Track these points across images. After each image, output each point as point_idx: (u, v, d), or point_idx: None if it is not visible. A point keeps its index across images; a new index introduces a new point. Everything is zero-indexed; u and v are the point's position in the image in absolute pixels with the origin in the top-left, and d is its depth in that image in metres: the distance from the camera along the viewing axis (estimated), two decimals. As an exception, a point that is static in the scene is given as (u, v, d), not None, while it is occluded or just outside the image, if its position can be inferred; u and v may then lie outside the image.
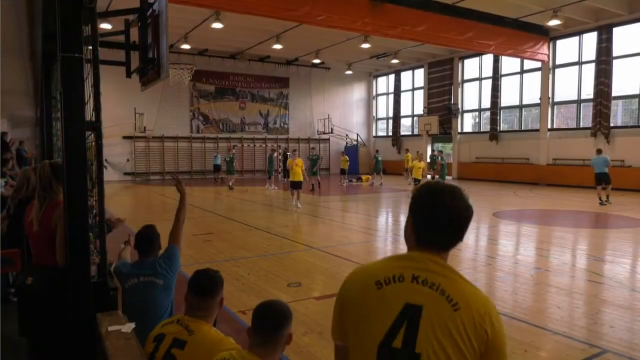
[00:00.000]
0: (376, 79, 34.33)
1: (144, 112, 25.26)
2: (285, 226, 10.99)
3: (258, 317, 2.10)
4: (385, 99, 33.79)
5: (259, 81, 30.05)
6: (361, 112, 34.32)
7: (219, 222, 11.72)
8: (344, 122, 32.93)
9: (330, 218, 12.20)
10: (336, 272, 6.73)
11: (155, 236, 3.42)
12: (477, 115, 27.34)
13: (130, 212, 13.96)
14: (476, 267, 7.12)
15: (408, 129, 32.48)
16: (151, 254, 3.36)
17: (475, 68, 26.82)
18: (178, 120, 27.48)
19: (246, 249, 8.37)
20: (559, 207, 14.46)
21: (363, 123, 34.39)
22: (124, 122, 25.06)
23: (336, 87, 32.83)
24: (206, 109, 28.62)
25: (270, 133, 30.73)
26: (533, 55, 21.61)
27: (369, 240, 9.35)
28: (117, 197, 17.68)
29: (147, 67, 4.14)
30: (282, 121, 31.25)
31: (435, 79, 28.64)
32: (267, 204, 15.58)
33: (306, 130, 32.02)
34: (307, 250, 8.28)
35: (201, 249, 8.32)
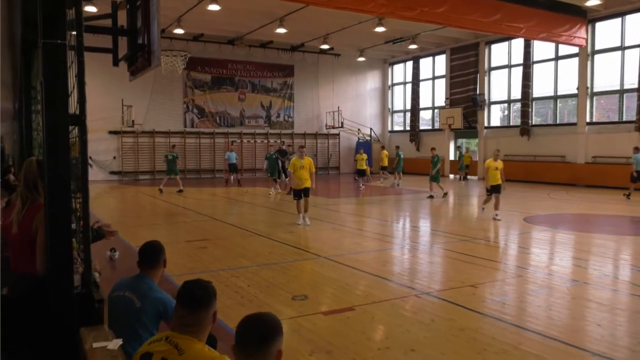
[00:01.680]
0: (392, 66, 34.26)
1: (132, 104, 25.42)
2: (289, 232, 11.00)
3: (241, 331, 2.08)
4: (402, 89, 33.72)
5: (260, 69, 30.13)
6: (375, 104, 34.28)
7: (215, 226, 11.74)
8: (355, 115, 32.91)
9: (341, 223, 12.19)
10: (347, 283, 6.73)
11: (156, 252, 3.44)
12: (506, 108, 27.18)
13: (117, 215, 14.04)
14: (505, 279, 7.08)
15: (427, 122, 32.39)
16: (150, 270, 3.37)
17: (503, 54, 26.68)
18: (170, 113, 27.63)
19: (245, 257, 8.38)
20: (598, 211, 14.35)
21: (377, 116, 34.35)
22: (110, 116, 25.24)
23: (347, 76, 32.83)
24: (201, 100, 28.74)
25: (272, 127, 30.80)
26: (569, 39, 21.46)
27: (384, 248, 9.33)
28: (103, 199, 17.81)
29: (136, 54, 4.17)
30: (286, 114, 31.31)
31: (458, 67, 28.54)
32: (268, 206, 15.61)
33: (313, 124, 32.05)
34: (314, 259, 8.28)
35: (195, 257, 8.35)
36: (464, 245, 9.42)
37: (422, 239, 10.51)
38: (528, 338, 4.89)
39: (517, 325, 5.22)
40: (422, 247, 9.43)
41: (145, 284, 3.30)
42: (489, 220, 12.75)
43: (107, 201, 17.33)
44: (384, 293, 6.36)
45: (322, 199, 17.98)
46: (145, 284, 3.30)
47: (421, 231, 11.59)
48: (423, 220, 13.43)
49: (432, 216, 14.25)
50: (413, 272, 7.52)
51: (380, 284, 6.81)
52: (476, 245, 9.43)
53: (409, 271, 7.60)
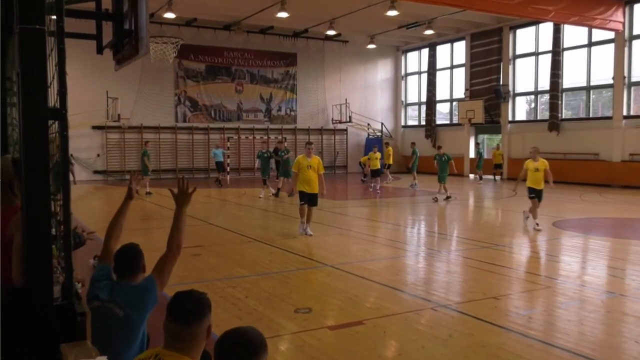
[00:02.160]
0: (405, 54, 34.23)
1: (118, 96, 25.53)
2: (292, 237, 11.00)
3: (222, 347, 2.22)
4: (416, 80, 33.69)
5: (259, 58, 30.18)
6: (387, 96, 34.27)
7: (210, 232, 11.77)
8: (365, 108, 32.91)
9: (348, 228, 12.19)
10: (355, 295, 6.73)
11: (134, 256, 3.44)
12: (533, 100, 27.10)
13: (102, 219, 14.07)
14: (532, 291, 7.06)
15: (445, 116, 32.33)
16: (128, 277, 3.38)
17: (530, 40, 26.60)
18: (160, 107, 27.72)
19: (243, 265, 8.40)
20: (636, 214, 14.27)
21: (389, 110, 34.33)
22: (94, 109, 25.35)
23: (355, 65, 32.84)
24: (194, 92, 28.83)
25: (273, 122, 30.86)
26: (604, 23, 21.35)
27: (397, 256, 9.32)
28: (85, 201, 17.88)
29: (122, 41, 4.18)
30: (289, 107, 31.35)
31: (479, 55, 28.48)
32: (268, 209, 15.62)
33: (318, 118, 32.07)
34: (319, 267, 8.29)
35: (188, 265, 8.37)
36: (486, 252, 9.39)
37: (438, 245, 10.49)
38: (557, 356, 4.87)
39: (544, 341, 5.20)
40: (438, 254, 9.41)
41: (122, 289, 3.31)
42: (515, 225, 12.71)
43: (90, 203, 17.40)
44: (396, 305, 6.35)
45: (328, 202, 17.96)
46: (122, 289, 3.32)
47: (438, 237, 11.56)
48: (440, 224, 13.40)
49: (450, 220, 14.20)
50: (429, 283, 7.51)
51: (393, 295, 6.80)
52: (499, 253, 9.40)
53: (424, 281, 7.59)
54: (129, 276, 3.38)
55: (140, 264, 3.46)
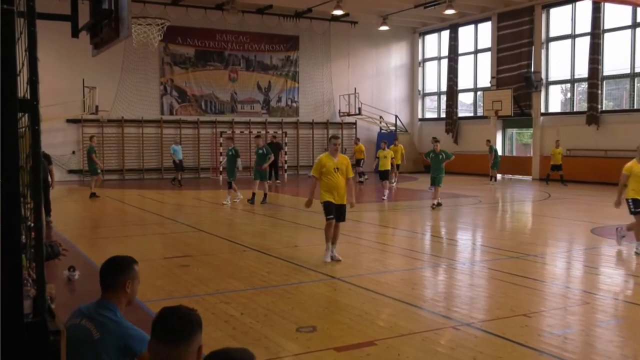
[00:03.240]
0: (423, 37, 34.22)
1: (96, 85, 25.63)
2: (292, 246, 11.00)
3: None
4: (435, 67, 33.67)
5: (256, 41, 30.25)
6: (401, 85, 34.28)
7: (199, 239, 11.78)
8: (377, 98, 32.93)
9: (358, 235, 12.18)
10: (366, 311, 6.72)
11: (121, 268, 3.45)
12: (569, 89, 27.03)
13: (78, 225, 14.15)
14: (567, 307, 7.04)
15: (468, 108, 32.29)
16: (112, 295, 3.39)
17: (565, 21, 26.55)
18: (144, 97, 27.82)
19: (238, 277, 8.41)
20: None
21: (404, 100, 34.34)
22: (68, 100, 25.46)
23: (366, 49, 32.86)
24: (182, 80, 28.92)
25: (272, 114, 30.91)
26: (650, 1, 21.27)
27: (413, 267, 9.31)
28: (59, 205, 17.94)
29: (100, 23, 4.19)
30: (290, 98, 31.41)
31: (507, 37, 28.43)
32: (267, 214, 15.64)
33: (323, 110, 32.11)
34: (324, 280, 8.29)
35: (175, 278, 8.38)
36: (515, 263, 9.37)
37: (461, 255, 10.47)
38: (597, 382, 4.84)
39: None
40: (461, 265, 9.40)
41: (105, 311, 3.32)
42: (548, 231, 12.67)
43: (65, 207, 17.45)
44: (413, 324, 6.35)
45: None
46: (106, 311, 3.32)
47: (460, 245, 11.54)
48: (463, 231, 13.38)
49: (474, 227, 14.17)
50: (450, 298, 7.50)
51: (409, 312, 6.79)
52: (530, 264, 9.38)
53: (445, 296, 7.58)
54: (113, 292, 3.40)
55: (120, 279, 3.44)
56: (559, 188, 22.25)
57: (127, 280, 3.45)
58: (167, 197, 20.07)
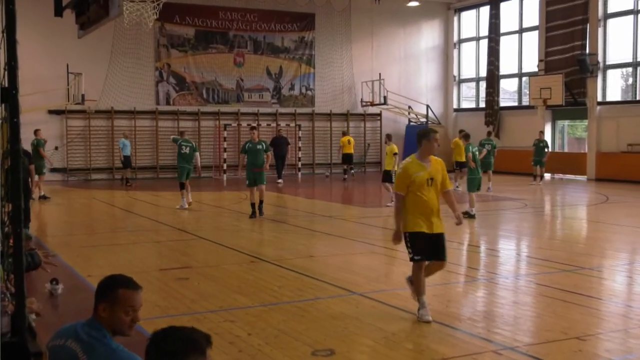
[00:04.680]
0: (459, 14, 34.05)
1: (82, 71, 25.80)
2: (307, 256, 10.99)
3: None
4: (473, 48, 33.48)
5: (265, 20, 30.32)
6: (434, 70, 34.14)
7: (201, 248, 11.81)
8: (405, 86, 32.85)
9: (383, 244, 12.15)
10: (392, 332, 6.71)
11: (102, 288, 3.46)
12: (631, 74, 26.74)
13: (61, 231, 14.25)
14: (628, 329, 6.97)
15: (512, 96, 32.08)
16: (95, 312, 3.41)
17: (626, -6, 26.28)
18: (136, 85, 27.99)
19: (245, 292, 8.42)
20: None
21: (437, 88, 34.20)
22: (51, 88, 25.66)
23: (392, 29, 32.78)
24: (181, 65, 29.05)
25: (284, 104, 30.94)
26: None
27: (447, 282, 9.26)
28: (41, 208, 18.10)
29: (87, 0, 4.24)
30: (304, 85, 31.43)
31: (558, 14, 28.21)
32: (277, 220, 15.65)
33: (343, 99, 32.08)
34: (344, 296, 8.28)
35: (172, 293, 8.42)
36: (567, 278, 9.29)
37: (503, 268, 10.41)
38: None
39: (646, 397, 5.13)
40: (503, 279, 9.34)
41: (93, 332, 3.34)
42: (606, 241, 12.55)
43: (46, 211, 17.61)
44: (447, 347, 6.32)
45: (357, 209, 17.92)
46: (94, 332, 3.34)
47: (502, 257, 11.47)
48: (505, 240, 13.30)
49: (519, 235, 14.07)
50: (490, 317, 7.46)
51: (442, 333, 6.77)
52: (585, 279, 9.30)
53: (485, 315, 7.54)
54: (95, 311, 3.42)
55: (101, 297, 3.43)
56: (617, 190, 22.02)
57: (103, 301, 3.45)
58: (163, 200, 20.17)
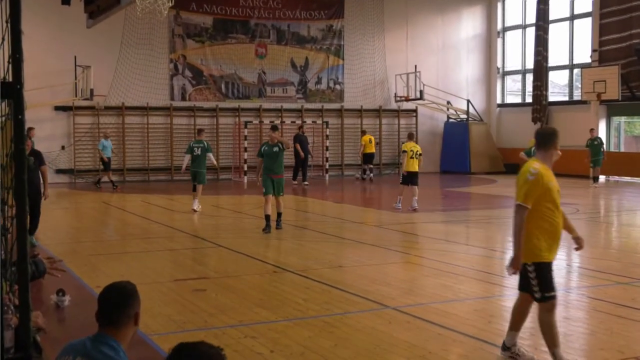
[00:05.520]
0: (503, 0, 33.79)
1: (90, 64, 26.06)
2: (336, 266, 10.98)
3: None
4: (519, 38, 33.25)
5: (290, 7, 30.41)
6: (475, 62, 33.96)
7: (219, 257, 11.87)
8: (443, 79, 32.72)
9: (419, 253, 12.10)
10: (429, 351, 6.68)
11: (124, 302, 3.48)
12: (695, 65, 26.37)
13: (68, 238, 14.39)
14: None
15: (562, 90, 31.79)
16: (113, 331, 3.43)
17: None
18: (149, 79, 28.20)
19: (267, 306, 8.43)
20: None
21: (478, 81, 34.02)
22: (57, 83, 25.97)
23: (430, 16, 32.71)
24: (198, 57, 29.21)
25: (310, 100, 30.99)
26: None
27: (490, 295, 9.20)
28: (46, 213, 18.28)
29: (98, -13, 4.28)
30: (332, 78, 31.42)
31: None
32: (303, 226, 15.65)
33: (374, 94, 32.04)
34: (376, 310, 8.26)
35: (188, 306, 8.46)
36: (624, 291, 9.19)
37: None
38: None
39: None
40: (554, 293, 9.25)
41: (105, 348, 3.36)
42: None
43: (52, 216, 17.79)
44: (490, 368, 6.27)
45: (387, 214, 17.86)
46: (106, 348, 3.36)
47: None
48: (555, 249, 13.18)
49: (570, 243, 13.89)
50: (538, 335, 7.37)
51: (484, 352, 6.73)
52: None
53: (532, 332, 7.47)
54: (113, 328, 3.42)
55: (132, 311, 3.48)
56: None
57: (136, 312, 3.48)
58: (178, 204, 20.29)
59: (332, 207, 20.47)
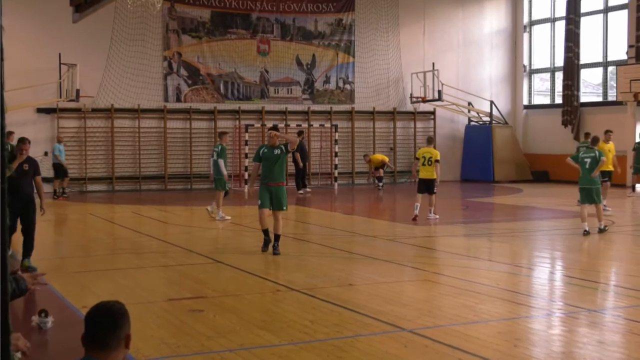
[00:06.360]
0: (530, -9, 33.85)
1: (77, 62, 26.12)
2: (346, 284, 10.96)
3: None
4: (548, 32, 33.22)
5: (295, 0, 30.43)
6: (499, 59, 33.94)
7: (217, 274, 11.86)
8: (464, 78, 32.74)
9: (437, 270, 12.07)
10: (449, 378, 6.66)
11: (113, 323, 3.49)
12: None
13: (52, 253, 14.39)
14: None
15: (595, 90, 31.71)
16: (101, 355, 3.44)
17: None
18: (141, 78, 28.28)
19: (271, 328, 8.43)
20: None
21: (503, 80, 34.00)
22: (40, 82, 26.02)
23: (449, 9, 32.76)
24: (194, 54, 29.28)
25: (317, 101, 31.01)
26: None
27: (516, 316, 9.16)
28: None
29: (85, -22, 4.31)
30: (342, 77, 31.44)
31: (652, -11, 27.88)
32: (309, 240, 15.62)
33: (388, 95, 32.05)
34: (390, 332, 8.24)
35: (183, 328, 8.45)
36: (665, 312, 9.14)
37: (585, 299, 10.26)
38: None
39: None
40: (584, 314, 9.21)
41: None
42: None
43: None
44: (516, 397, 6.25)
45: (402, 227, 17.83)
46: None
47: (583, 286, 11.32)
48: (587, 265, 13.13)
49: (604, 259, 13.88)
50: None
51: (510, 380, 6.69)
52: (687, 314, 9.14)
53: (562, 357, 7.45)
54: (101, 351, 3.43)
55: (122, 334, 3.49)
56: None
57: (126, 334, 3.49)
58: (172, 216, 20.31)
59: (341, 219, 20.45)
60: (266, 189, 13.44)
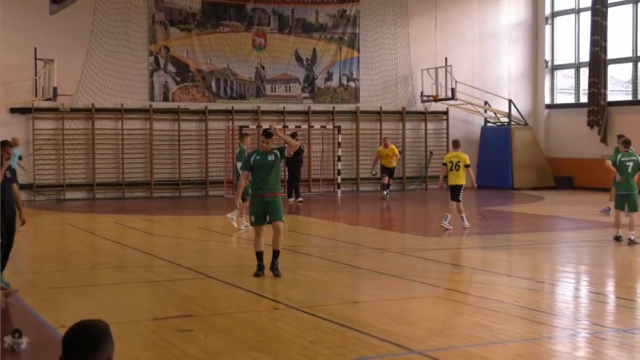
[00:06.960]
0: (552, -21, 33.90)
1: (54, 58, 26.14)
2: (350, 302, 10.97)
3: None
4: (572, 24, 33.24)
5: (294, -11, 30.46)
6: (518, 54, 33.99)
7: (207, 290, 11.86)
8: (480, 75, 32.78)
9: (451, 286, 12.08)
10: (463, 405, 6.66)
11: (94, 343, 3.50)
12: None
13: (27, 267, 14.39)
14: None
15: (625, 87, 31.74)
16: None
17: None
18: (125, 75, 28.30)
19: (267, 350, 8.43)
20: None
21: (522, 77, 34.03)
22: (14, 80, 26.11)
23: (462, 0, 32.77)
24: (182, 48, 29.32)
25: (318, 100, 31.03)
26: None
27: (537, 337, 9.16)
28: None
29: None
30: (346, 74, 31.46)
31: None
32: (309, 253, 15.63)
33: (396, 93, 32.08)
34: (399, 355, 8.25)
35: (170, 349, 8.45)
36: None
37: (613, 318, 10.27)
38: None
39: None
40: (613, 334, 9.21)
41: None
42: None
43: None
44: None
45: (411, 238, 17.86)
46: None
47: (611, 304, 11.33)
48: (615, 281, 13.15)
49: (634, 274, 13.88)
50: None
51: (531, 407, 6.69)
52: None
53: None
54: None
55: (104, 355, 3.49)
56: None
57: (108, 357, 3.50)
58: (158, 227, 20.30)
59: (345, 229, 20.45)
60: (260, 201, 12.83)
